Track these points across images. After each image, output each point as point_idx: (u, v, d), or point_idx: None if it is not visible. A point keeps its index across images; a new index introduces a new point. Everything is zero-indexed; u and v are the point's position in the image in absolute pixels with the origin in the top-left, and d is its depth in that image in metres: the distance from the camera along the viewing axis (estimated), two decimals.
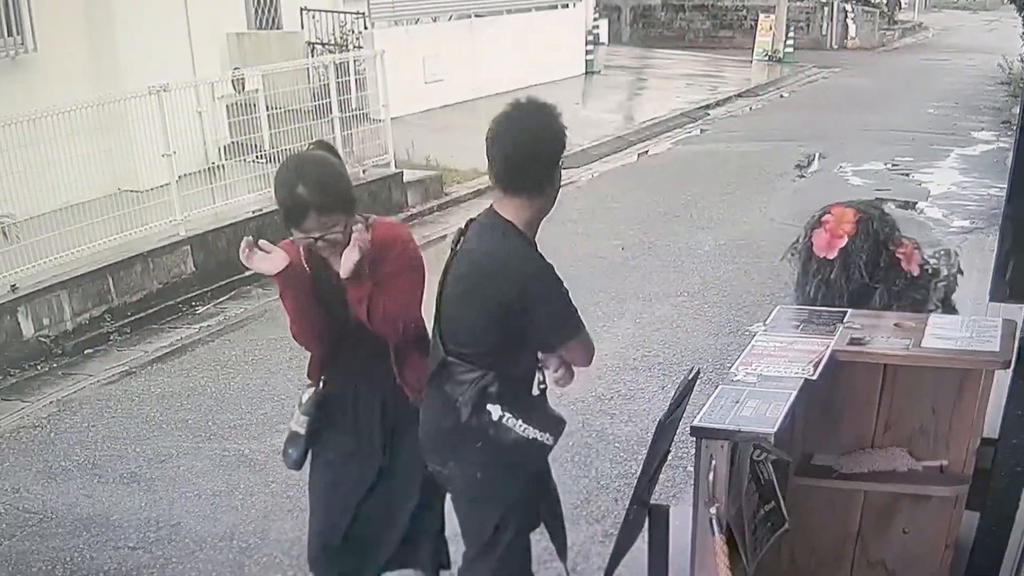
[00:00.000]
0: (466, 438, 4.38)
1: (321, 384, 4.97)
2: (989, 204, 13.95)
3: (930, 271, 5.59)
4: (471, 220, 4.47)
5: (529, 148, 4.22)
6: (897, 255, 5.44)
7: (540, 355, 4.50)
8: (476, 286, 4.32)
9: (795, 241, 5.69)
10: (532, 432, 4.33)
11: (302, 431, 5.02)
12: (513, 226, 4.28)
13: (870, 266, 5.41)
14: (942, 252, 5.85)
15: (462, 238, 4.44)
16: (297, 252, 4.53)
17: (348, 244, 4.35)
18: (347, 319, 4.60)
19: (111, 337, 10.61)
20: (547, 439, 4.36)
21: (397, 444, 4.85)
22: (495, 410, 4.32)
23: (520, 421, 4.31)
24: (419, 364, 4.64)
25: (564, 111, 4.31)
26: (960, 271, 5.74)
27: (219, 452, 7.86)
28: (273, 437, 7.89)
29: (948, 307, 5.59)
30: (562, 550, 4.94)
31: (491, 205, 4.36)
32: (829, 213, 5.54)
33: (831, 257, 5.46)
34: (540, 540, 4.92)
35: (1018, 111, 9.58)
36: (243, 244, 4.41)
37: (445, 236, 12.92)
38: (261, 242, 4.43)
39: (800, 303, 5.62)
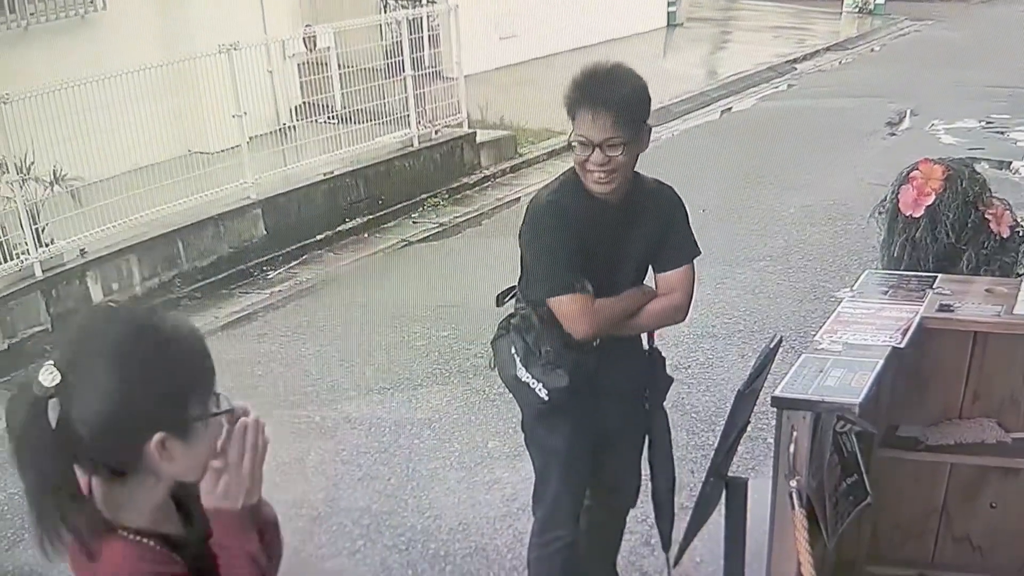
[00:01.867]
0: (497, 365, 4.60)
1: None
2: None
3: (1021, 233, 5.45)
4: None
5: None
6: (986, 216, 5.33)
7: None
8: None
9: (883, 199, 5.56)
10: (526, 375, 4.37)
11: None
12: (574, 169, 4.30)
13: (957, 226, 5.28)
14: None
15: None
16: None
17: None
18: None
19: (181, 302, 10.56)
20: (539, 388, 4.33)
21: None
22: (510, 342, 4.46)
23: (520, 360, 4.39)
24: None
25: (645, 65, 4.36)
26: None
27: (289, 419, 7.78)
28: (344, 404, 7.99)
29: None
30: (666, 539, 4.89)
31: None
32: (917, 169, 5.40)
33: (917, 215, 5.36)
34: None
35: None
36: None
37: (519, 199, 12.88)
38: None
39: (885, 264, 5.50)
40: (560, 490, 4.63)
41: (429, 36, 14.88)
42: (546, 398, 4.32)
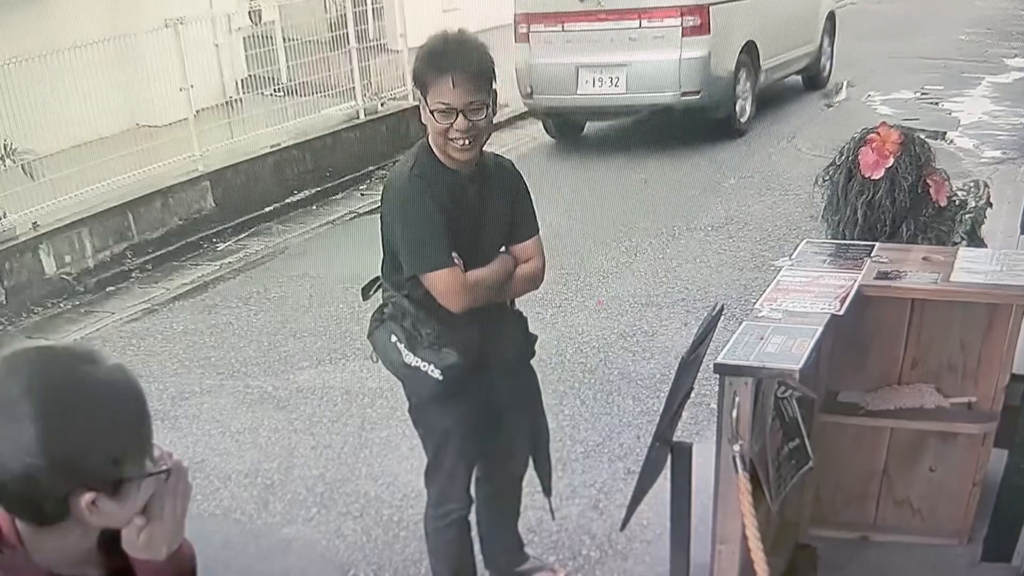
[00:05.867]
0: (380, 356, 4.52)
1: None
2: (1021, 134, 13.73)
3: (957, 203, 5.53)
4: None
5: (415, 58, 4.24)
6: (928, 182, 5.37)
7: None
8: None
9: (828, 165, 5.59)
10: (415, 360, 4.32)
11: None
12: (426, 143, 4.30)
13: (914, 189, 5.32)
14: (972, 184, 5.77)
15: None
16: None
17: None
18: None
19: (132, 274, 10.67)
20: (431, 370, 4.30)
21: None
22: (391, 331, 4.38)
23: (404, 346, 4.33)
24: None
25: None
26: (990, 203, 5.67)
27: (242, 389, 7.86)
28: (296, 375, 8.03)
29: (975, 240, 5.53)
30: (546, 485, 4.97)
31: None
32: (875, 132, 5.44)
33: (877, 177, 5.36)
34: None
35: None
36: None
37: None
38: None
39: (830, 231, 5.56)
40: (455, 466, 4.65)
41: (373, 9, 14.89)
42: (440, 378, 4.28)
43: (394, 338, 4.36)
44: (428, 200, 4.18)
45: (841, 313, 4.34)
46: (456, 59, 4.11)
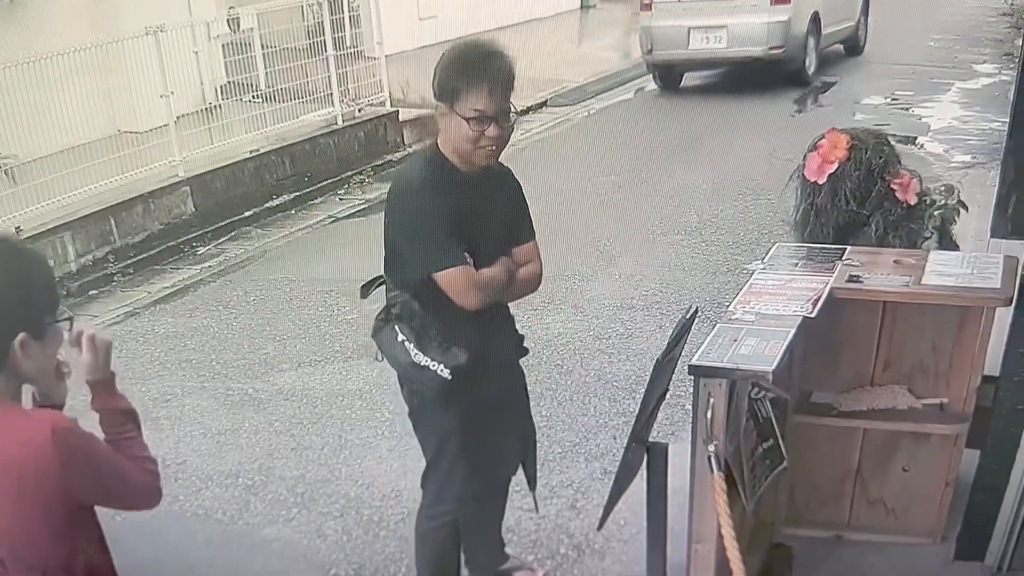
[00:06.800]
0: (386, 356, 4.49)
1: None
2: (990, 139, 13.74)
3: (928, 201, 5.58)
4: None
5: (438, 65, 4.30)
6: (892, 185, 5.42)
7: None
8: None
9: (796, 169, 5.68)
10: (424, 359, 4.32)
11: None
12: (436, 147, 4.37)
13: (859, 194, 5.39)
14: (942, 187, 5.84)
15: None
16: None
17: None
18: None
19: (114, 278, 10.68)
20: (440, 369, 4.30)
21: None
22: (398, 330, 4.37)
23: (413, 345, 4.33)
24: None
25: (559, 48, 4.27)
26: (961, 203, 5.73)
27: (223, 391, 7.90)
28: (276, 377, 8.07)
29: (947, 239, 5.58)
30: (532, 478, 5.02)
31: None
32: (824, 138, 5.54)
33: (821, 182, 5.45)
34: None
35: (1020, 43, 9.47)
36: None
37: None
38: None
39: (792, 230, 5.64)
40: (455, 466, 4.66)
41: (350, 16, 14.92)
42: (449, 377, 4.27)
43: (402, 337, 4.35)
44: (441, 203, 4.21)
45: (813, 315, 4.39)
46: (492, 67, 4.17)
